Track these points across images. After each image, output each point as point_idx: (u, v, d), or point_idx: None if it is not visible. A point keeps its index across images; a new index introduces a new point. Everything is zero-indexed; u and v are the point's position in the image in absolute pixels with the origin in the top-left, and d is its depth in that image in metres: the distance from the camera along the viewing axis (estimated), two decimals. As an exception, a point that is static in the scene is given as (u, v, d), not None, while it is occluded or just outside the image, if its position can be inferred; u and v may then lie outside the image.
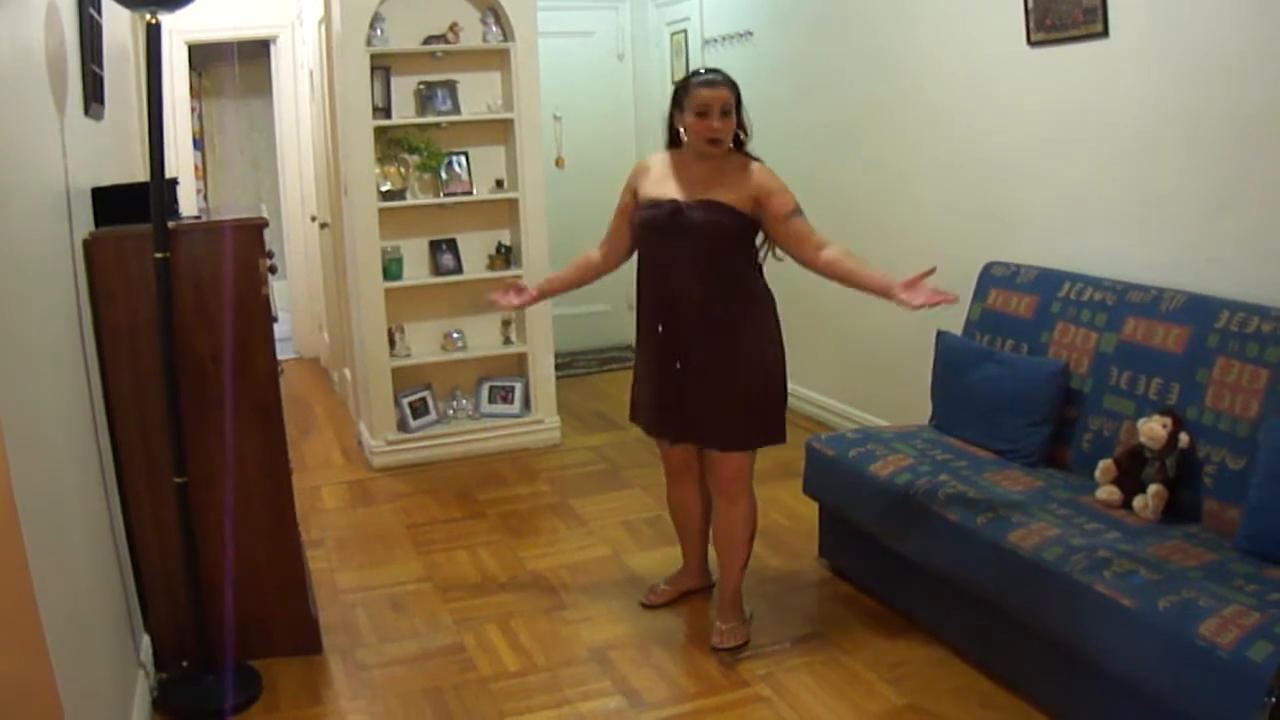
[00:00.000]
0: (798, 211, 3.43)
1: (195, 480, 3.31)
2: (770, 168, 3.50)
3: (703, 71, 3.47)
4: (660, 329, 3.52)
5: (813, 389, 6.06)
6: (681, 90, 3.44)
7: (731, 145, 3.44)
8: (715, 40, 6.79)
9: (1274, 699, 1.53)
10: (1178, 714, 2.59)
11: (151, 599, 3.43)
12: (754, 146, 3.50)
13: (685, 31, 7.24)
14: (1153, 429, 3.27)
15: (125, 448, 3.32)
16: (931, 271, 3.20)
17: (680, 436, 3.63)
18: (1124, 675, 2.75)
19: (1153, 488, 3.24)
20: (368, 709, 3.32)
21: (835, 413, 5.82)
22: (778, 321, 3.56)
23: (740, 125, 3.44)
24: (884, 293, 3.25)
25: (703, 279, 3.43)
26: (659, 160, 3.58)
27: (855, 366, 5.69)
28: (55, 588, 2.31)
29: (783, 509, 4.70)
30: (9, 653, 2.09)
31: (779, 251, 3.52)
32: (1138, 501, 3.27)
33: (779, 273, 3.56)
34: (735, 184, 3.41)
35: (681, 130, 3.47)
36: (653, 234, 3.49)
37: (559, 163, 6.69)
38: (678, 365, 3.49)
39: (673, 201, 3.43)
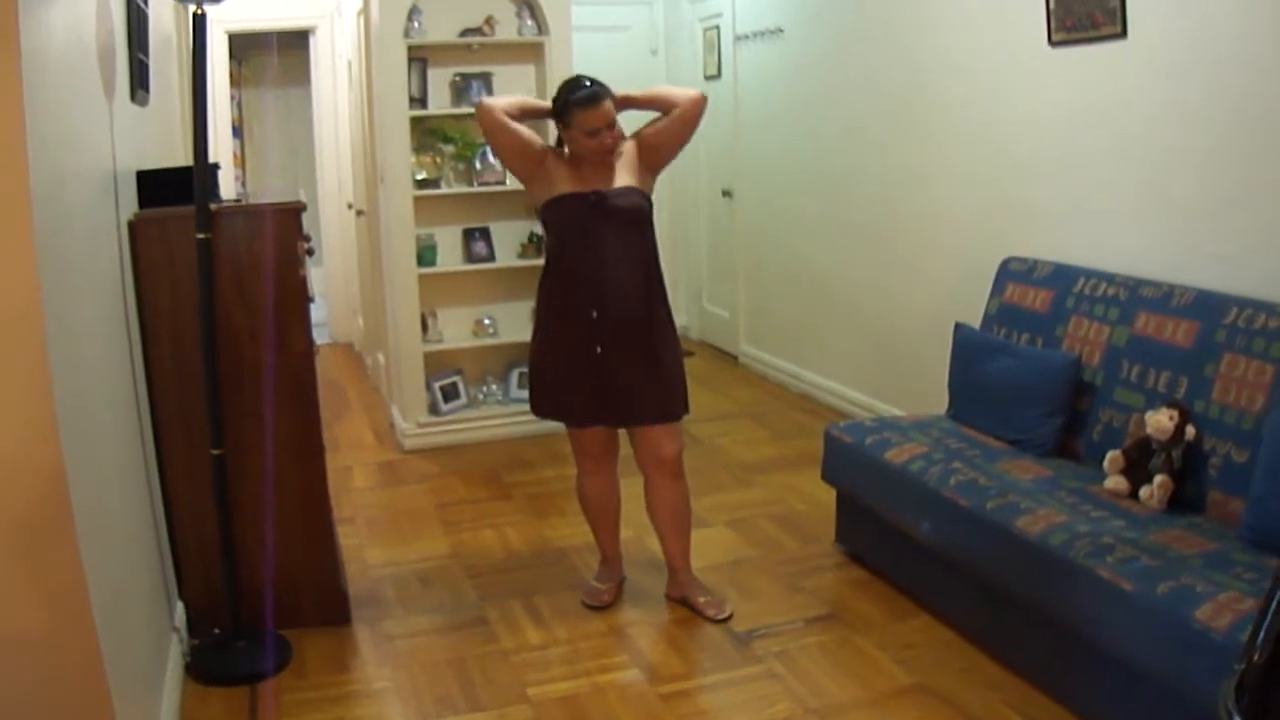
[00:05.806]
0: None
1: (231, 453, 3.40)
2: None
3: (584, 85, 3.48)
4: (595, 317, 3.52)
5: (834, 380, 6.14)
6: (564, 110, 3.48)
7: None
8: (746, 36, 6.86)
9: (1241, 666, 1.61)
10: (1174, 695, 2.64)
11: (186, 567, 3.54)
12: (778, 140, 3.56)
13: (718, 28, 7.31)
14: (1159, 421, 3.33)
15: (164, 420, 3.43)
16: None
17: (623, 420, 3.66)
18: (1123, 657, 2.81)
19: (1158, 478, 3.29)
20: (393, 677, 3.43)
21: (856, 404, 5.89)
22: None
23: None
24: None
25: (638, 262, 3.54)
26: (552, 156, 3.61)
27: (876, 359, 5.75)
28: (98, 552, 2.40)
29: (802, 496, 4.79)
30: (57, 610, 2.22)
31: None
32: (1144, 491, 3.33)
33: (811, 268, 3.60)
34: (627, 165, 3.56)
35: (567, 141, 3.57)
36: (581, 224, 3.51)
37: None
38: (599, 350, 3.53)
39: (594, 193, 3.49)
